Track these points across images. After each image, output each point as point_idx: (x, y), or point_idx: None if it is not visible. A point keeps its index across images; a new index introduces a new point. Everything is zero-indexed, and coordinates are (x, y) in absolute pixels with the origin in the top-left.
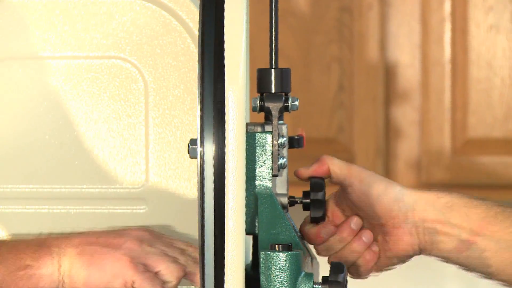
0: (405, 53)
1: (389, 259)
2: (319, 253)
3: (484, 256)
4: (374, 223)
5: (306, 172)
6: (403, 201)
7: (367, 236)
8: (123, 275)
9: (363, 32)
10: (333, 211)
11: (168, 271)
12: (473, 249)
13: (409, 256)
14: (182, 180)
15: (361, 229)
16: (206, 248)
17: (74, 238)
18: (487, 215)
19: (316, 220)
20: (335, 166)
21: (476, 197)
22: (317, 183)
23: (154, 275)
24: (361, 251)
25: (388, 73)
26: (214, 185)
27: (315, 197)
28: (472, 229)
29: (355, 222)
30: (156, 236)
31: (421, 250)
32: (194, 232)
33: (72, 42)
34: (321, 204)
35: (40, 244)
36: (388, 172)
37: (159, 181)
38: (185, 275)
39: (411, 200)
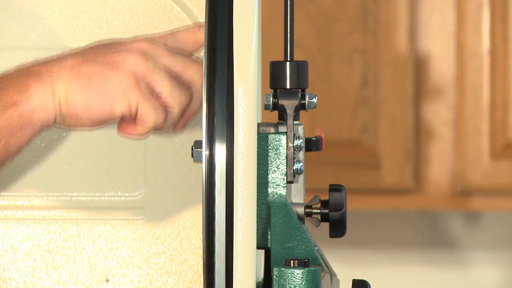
0: (437, 44)
1: None
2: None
3: None
4: None
5: None
6: None
7: None
8: (128, 97)
9: (390, 20)
10: None
11: (171, 96)
12: None
13: None
14: (185, 186)
15: None
16: (212, 265)
17: (66, 60)
18: None
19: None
20: None
21: None
22: (338, 203)
23: (158, 100)
24: None
25: (418, 66)
26: (221, 193)
27: (334, 217)
28: None
29: None
30: (158, 46)
31: None
32: (198, 244)
33: (61, 31)
34: (343, 226)
35: (27, 74)
36: (418, 178)
37: (159, 187)
38: (189, 103)
39: None
